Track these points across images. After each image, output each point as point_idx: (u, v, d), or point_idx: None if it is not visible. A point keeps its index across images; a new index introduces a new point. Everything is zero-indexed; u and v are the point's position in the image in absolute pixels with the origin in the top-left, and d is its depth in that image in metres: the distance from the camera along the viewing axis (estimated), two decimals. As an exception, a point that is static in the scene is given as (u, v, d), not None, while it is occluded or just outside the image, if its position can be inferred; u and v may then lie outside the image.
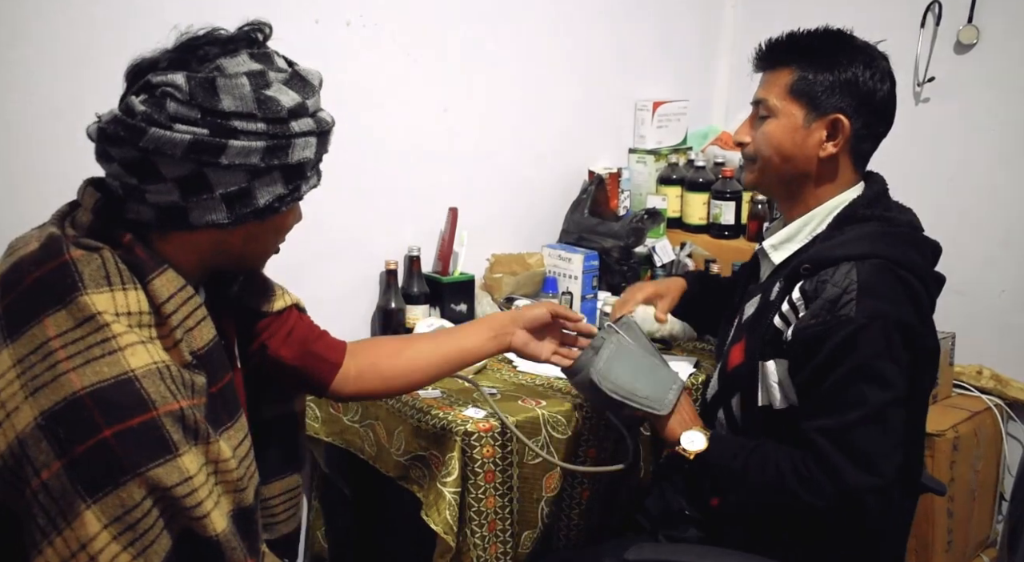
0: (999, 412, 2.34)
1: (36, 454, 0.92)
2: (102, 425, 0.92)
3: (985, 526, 2.38)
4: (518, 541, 1.69)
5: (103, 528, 0.92)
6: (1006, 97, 2.31)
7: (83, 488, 0.92)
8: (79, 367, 0.94)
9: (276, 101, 1.01)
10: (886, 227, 1.41)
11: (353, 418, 1.92)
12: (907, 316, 1.33)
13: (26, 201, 1.69)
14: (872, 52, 1.44)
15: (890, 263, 1.35)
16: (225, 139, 0.99)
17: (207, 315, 1.08)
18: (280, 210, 1.08)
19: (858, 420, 1.29)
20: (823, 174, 1.45)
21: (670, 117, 2.65)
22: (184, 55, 1.03)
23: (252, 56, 1.04)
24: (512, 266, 2.29)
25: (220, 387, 1.08)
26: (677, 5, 2.70)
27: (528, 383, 1.86)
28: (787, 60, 1.44)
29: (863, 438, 1.29)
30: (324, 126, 1.07)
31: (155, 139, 0.97)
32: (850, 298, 1.31)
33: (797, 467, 1.33)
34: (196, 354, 1.05)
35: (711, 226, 2.47)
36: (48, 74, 1.69)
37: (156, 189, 1.01)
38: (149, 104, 0.99)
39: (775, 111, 1.44)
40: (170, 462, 0.95)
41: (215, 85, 0.99)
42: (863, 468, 1.29)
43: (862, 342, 1.29)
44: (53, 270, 1.00)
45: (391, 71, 2.14)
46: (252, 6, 1.88)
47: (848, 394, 1.31)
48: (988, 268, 2.35)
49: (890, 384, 1.30)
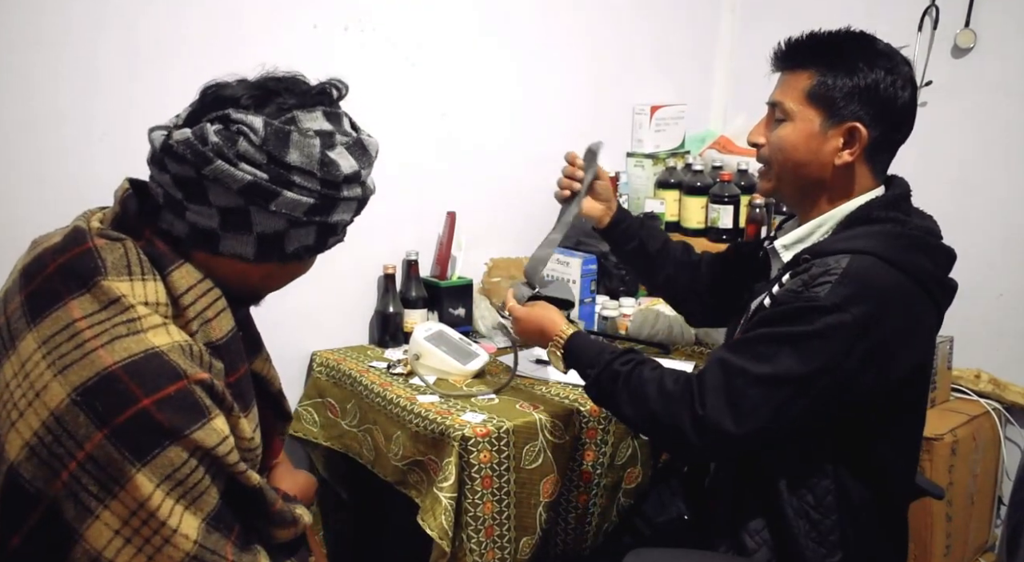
0: (997, 416, 2.34)
1: (75, 428, 0.95)
2: (140, 395, 0.96)
3: (983, 530, 2.38)
4: (516, 546, 1.69)
5: (156, 487, 0.96)
6: (1003, 100, 2.31)
7: (130, 454, 0.95)
8: (107, 344, 0.98)
9: (337, 165, 1.06)
10: (898, 229, 1.36)
11: (352, 423, 1.92)
12: (875, 319, 1.27)
13: (28, 203, 1.69)
14: (895, 57, 1.39)
15: (887, 263, 1.30)
16: (281, 188, 1.04)
17: (227, 307, 1.11)
18: (303, 258, 1.14)
19: (755, 376, 1.28)
20: (838, 181, 1.41)
21: (668, 121, 2.66)
22: (264, 98, 1.07)
23: (326, 115, 1.09)
24: (510, 270, 2.29)
25: (237, 378, 1.11)
26: (675, 10, 2.70)
27: (526, 388, 1.86)
28: (806, 62, 1.39)
29: (750, 392, 1.28)
30: (368, 194, 1.14)
31: (218, 170, 1.02)
32: (828, 280, 1.28)
33: (664, 379, 1.35)
34: (213, 344, 1.07)
35: (709, 230, 2.47)
36: (51, 78, 1.70)
37: (199, 210, 1.05)
38: (222, 136, 1.02)
39: (792, 115, 1.40)
40: (207, 424, 0.99)
41: (289, 138, 1.04)
42: (729, 414, 1.28)
43: (814, 320, 1.26)
44: (76, 256, 1.03)
45: (389, 76, 2.14)
46: (252, 12, 1.90)
47: (767, 348, 1.29)
48: (986, 272, 2.35)
49: (808, 370, 1.26)
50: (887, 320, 1.28)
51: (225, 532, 1.03)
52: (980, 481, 2.31)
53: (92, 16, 1.72)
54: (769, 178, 1.46)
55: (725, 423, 1.28)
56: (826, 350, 1.26)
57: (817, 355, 1.27)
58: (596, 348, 1.50)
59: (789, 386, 1.28)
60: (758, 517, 1.41)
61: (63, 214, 1.17)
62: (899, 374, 1.32)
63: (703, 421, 1.29)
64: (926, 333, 1.38)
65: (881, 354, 1.28)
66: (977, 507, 2.32)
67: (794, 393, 1.28)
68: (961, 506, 2.24)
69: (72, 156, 1.73)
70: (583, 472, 1.77)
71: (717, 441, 1.31)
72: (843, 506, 1.36)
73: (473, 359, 1.92)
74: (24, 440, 0.96)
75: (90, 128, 1.75)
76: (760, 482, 1.40)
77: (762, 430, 1.29)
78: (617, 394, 1.41)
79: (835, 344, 1.26)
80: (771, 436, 1.32)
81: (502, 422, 1.67)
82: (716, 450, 1.38)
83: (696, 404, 1.30)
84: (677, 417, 1.32)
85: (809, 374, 1.27)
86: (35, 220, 1.27)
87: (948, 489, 2.10)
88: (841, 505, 1.36)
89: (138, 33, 1.77)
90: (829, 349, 1.26)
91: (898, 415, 1.39)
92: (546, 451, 1.70)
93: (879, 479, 1.39)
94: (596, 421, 1.77)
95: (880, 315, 1.27)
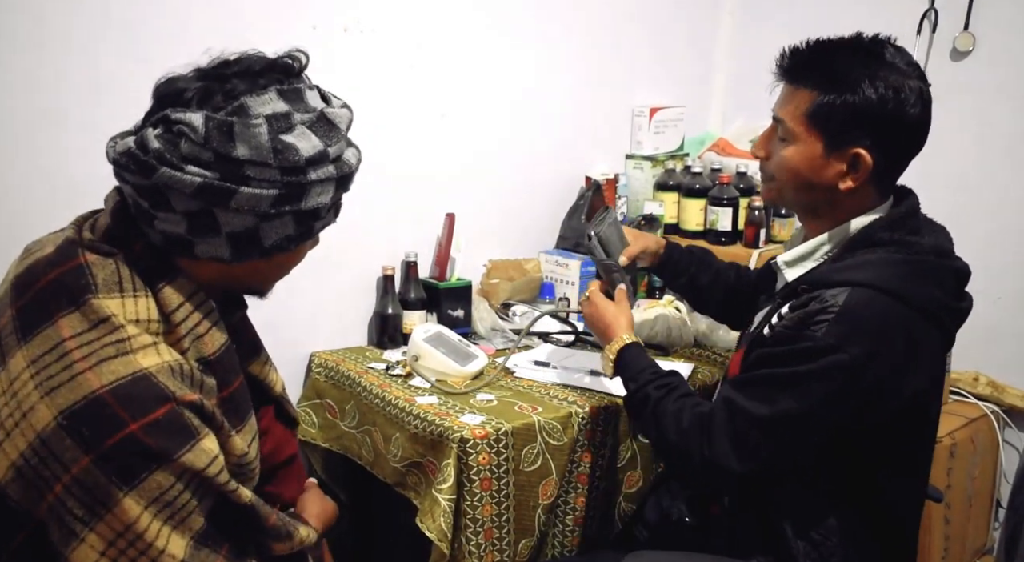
0: (996, 419, 2.34)
1: (61, 452, 0.94)
2: (127, 420, 0.94)
3: (982, 533, 2.38)
4: (515, 549, 1.69)
5: (143, 509, 0.95)
6: (1002, 104, 2.31)
7: (117, 478, 0.94)
8: (95, 366, 0.96)
9: (294, 149, 0.99)
10: (903, 254, 1.31)
11: (351, 424, 1.92)
12: (872, 356, 1.25)
13: (30, 205, 1.69)
14: (902, 69, 1.31)
15: (887, 295, 1.27)
16: (236, 185, 0.98)
17: (219, 320, 1.09)
18: (288, 249, 1.08)
19: (757, 418, 1.30)
20: (843, 200, 1.37)
21: (667, 123, 2.66)
22: (212, 85, 1.01)
23: (281, 94, 1.02)
24: (509, 272, 2.29)
25: (231, 392, 1.10)
26: (674, 12, 2.70)
27: (525, 390, 1.86)
28: (807, 79, 1.33)
29: (752, 433, 1.31)
30: (346, 170, 1.06)
31: (165, 178, 0.98)
32: (825, 319, 1.26)
33: (683, 413, 1.40)
34: (205, 360, 1.06)
35: (708, 232, 2.47)
36: (52, 78, 1.70)
37: (165, 217, 1.01)
38: (163, 140, 0.98)
39: (793, 137, 1.34)
40: (196, 446, 0.98)
41: (232, 131, 0.97)
42: (733, 455, 1.32)
43: (811, 361, 1.27)
44: (67, 272, 1.01)
45: (388, 77, 2.14)
46: (250, 12, 1.90)
47: (768, 390, 1.31)
48: (984, 275, 2.32)
49: (807, 410, 1.28)
50: (886, 355, 1.27)
51: (214, 547, 1.01)
52: (978, 484, 2.31)
53: (94, 17, 1.72)
54: (771, 190, 1.44)
55: (729, 463, 1.32)
56: (824, 390, 1.27)
57: (816, 395, 1.27)
58: (642, 365, 1.54)
59: (789, 426, 1.30)
60: (755, 523, 1.42)
61: (63, 217, 1.16)
62: (900, 403, 1.32)
63: (710, 461, 1.34)
64: (928, 359, 1.35)
65: (880, 388, 1.28)
66: (975, 510, 2.32)
67: (794, 432, 1.31)
68: (959, 509, 2.24)
69: (73, 156, 1.73)
70: (581, 475, 1.77)
71: (721, 477, 1.37)
72: (844, 529, 1.36)
73: (472, 361, 1.92)
74: (11, 460, 0.95)
75: (92, 129, 1.75)
76: (758, 496, 1.41)
77: (763, 467, 1.33)
78: (645, 418, 1.47)
79: (834, 384, 1.27)
80: (773, 471, 1.36)
81: (501, 424, 1.67)
82: (720, 484, 1.46)
83: (704, 446, 1.34)
84: (688, 454, 1.37)
85: (808, 413, 1.29)
86: (37, 221, 1.27)
87: (946, 492, 2.10)
88: (843, 528, 1.36)
89: (139, 34, 1.77)
90: (827, 389, 1.27)
91: (903, 443, 1.38)
92: (544, 453, 1.70)
93: (885, 503, 1.39)
94: (595, 423, 1.77)
95: (878, 352, 1.26)
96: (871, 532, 1.38)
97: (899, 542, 1.45)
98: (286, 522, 1.12)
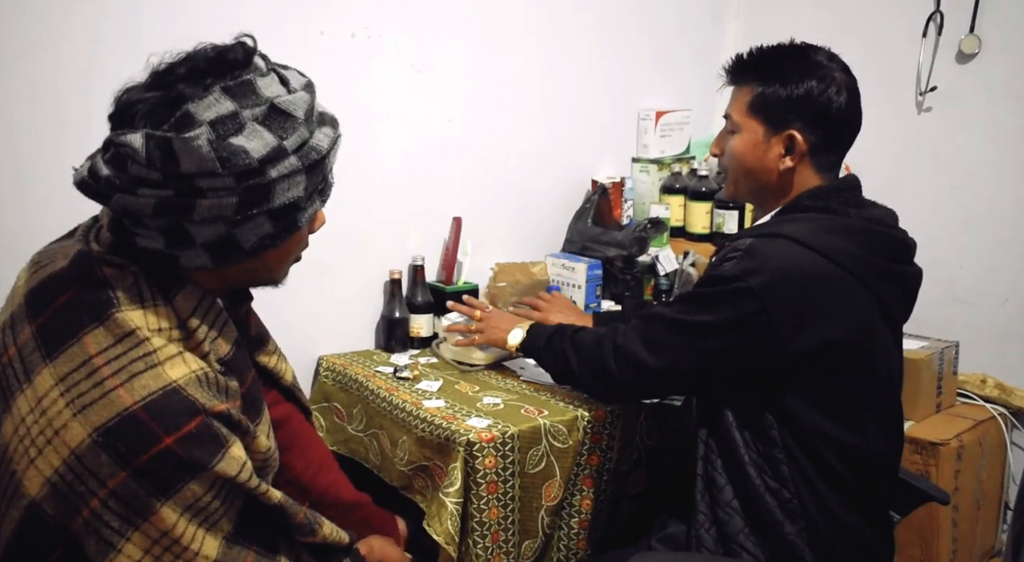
0: (1003, 421, 2.34)
1: (97, 467, 0.95)
2: (161, 434, 0.96)
3: (990, 536, 2.38)
4: (519, 551, 1.69)
5: (179, 516, 0.97)
6: (1008, 106, 2.31)
7: (155, 490, 0.96)
8: (126, 382, 0.96)
9: (242, 153, 0.95)
10: (823, 217, 1.45)
11: (358, 427, 1.92)
12: (772, 289, 1.37)
13: (30, 210, 1.70)
14: (828, 65, 1.48)
15: (797, 243, 1.40)
16: (192, 199, 0.95)
17: (228, 319, 1.10)
18: (275, 245, 1.05)
19: (668, 320, 1.48)
20: (786, 184, 1.52)
21: (673, 127, 2.66)
22: (157, 95, 0.97)
23: (226, 90, 0.97)
24: (516, 275, 2.29)
25: (248, 386, 1.12)
26: (679, 16, 2.71)
27: (531, 393, 1.87)
28: (748, 77, 1.52)
29: (662, 333, 1.49)
30: (314, 157, 1.01)
31: (121, 203, 0.97)
32: (734, 256, 1.42)
33: (600, 332, 1.60)
34: (223, 360, 1.07)
35: (714, 235, 2.47)
36: (52, 85, 1.71)
37: (144, 234, 1.01)
38: (112, 166, 0.97)
39: (738, 127, 1.52)
40: (227, 454, 1.00)
41: (172, 148, 0.93)
42: (642, 345, 1.50)
43: (718, 285, 1.42)
44: (87, 288, 1.01)
45: (395, 82, 2.15)
46: (258, 18, 1.91)
47: (681, 304, 1.50)
48: (991, 277, 2.35)
49: (713, 322, 1.42)
50: (788, 290, 1.38)
51: (245, 544, 1.04)
52: (986, 486, 2.31)
53: (96, 20, 1.73)
54: (728, 184, 1.60)
55: (639, 353, 1.51)
56: (730, 310, 1.41)
57: (721, 312, 1.41)
58: (550, 327, 1.77)
59: (696, 332, 1.45)
60: (727, 488, 1.48)
61: (64, 223, 1.18)
62: (807, 343, 1.39)
63: (621, 350, 1.53)
64: (844, 309, 1.41)
65: (785, 321, 1.38)
66: (983, 512, 2.32)
67: (700, 339, 1.44)
68: (967, 511, 2.24)
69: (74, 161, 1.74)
70: (586, 478, 1.78)
71: (633, 370, 1.53)
72: (796, 477, 1.43)
73: (491, 346, 1.96)
74: (45, 477, 0.96)
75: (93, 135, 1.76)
76: (725, 456, 1.47)
77: (673, 367, 1.48)
78: (564, 346, 1.65)
79: (739, 306, 1.40)
80: (683, 378, 1.52)
81: (507, 427, 1.68)
82: (635, 380, 1.55)
83: (618, 337, 1.55)
84: (603, 351, 1.57)
85: (714, 324, 1.42)
86: (41, 225, 1.27)
87: (954, 494, 2.10)
88: (794, 476, 1.43)
89: (142, 39, 1.77)
90: (733, 310, 1.40)
91: (822, 388, 1.43)
92: (549, 455, 1.70)
93: (819, 453, 1.43)
94: (601, 427, 1.77)
95: (778, 285, 1.38)
96: (825, 482, 1.43)
97: (863, 507, 1.47)
98: (312, 519, 1.15)
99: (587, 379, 1.64)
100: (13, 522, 0.99)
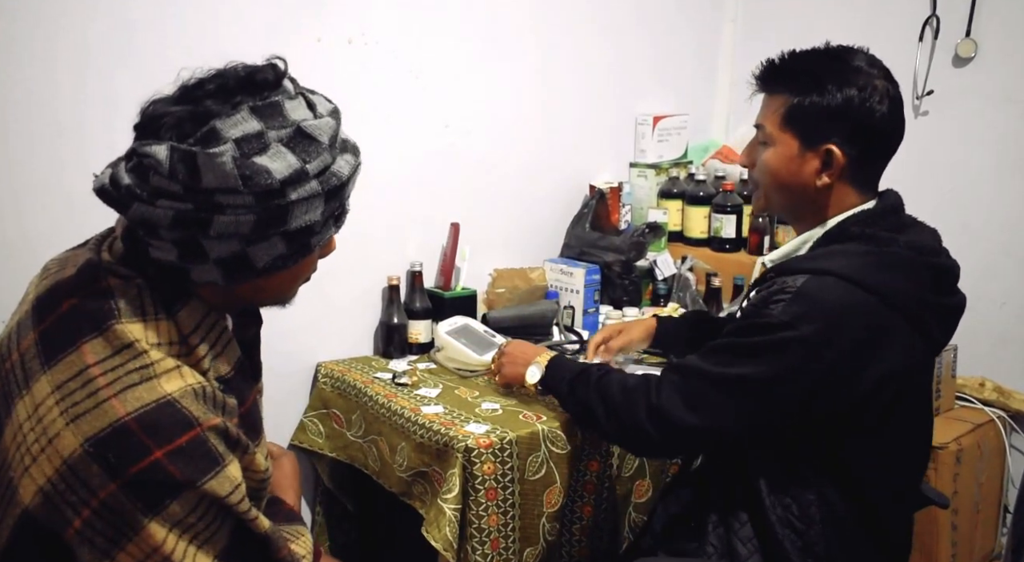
0: (1002, 424, 2.34)
1: (88, 477, 0.94)
2: (152, 447, 0.94)
3: (989, 539, 2.38)
4: (520, 558, 1.69)
5: (168, 532, 0.96)
6: (1004, 109, 2.32)
7: (143, 505, 0.95)
8: (120, 393, 0.96)
9: (266, 173, 0.95)
10: (872, 247, 1.36)
11: (357, 434, 1.92)
12: (826, 337, 1.30)
13: (31, 217, 1.70)
14: (868, 71, 1.39)
15: (847, 283, 1.32)
16: (210, 214, 0.96)
17: (232, 338, 1.09)
18: (285, 267, 1.05)
19: (712, 376, 1.36)
20: (822, 201, 1.43)
21: (670, 131, 2.66)
22: (185, 110, 0.98)
23: (254, 110, 0.98)
24: (514, 281, 2.29)
25: (248, 407, 1.10)
26: (677, 20, 2.71)
27: (529, 398, 1.86)
28: (781, 85, 1.42)
29: (705, 390, 1.37)
30: (334, 183, 1.02)
31: (139, 213, 0.97)
32: (783, 298, 1.32)
33: (627, 379, 1.48)
34: (223, 379, 1.06)
35: (712, 239, 2.48)
36: (49, 92, 1.71)
37: (158, 245, 1.01)
38: (134, 175, 0.97)
39: (772, 140, 1.43)
40: (220, 473, 0.98)
41: (195, 162, 0.94)
42: (682, 404, 1.37)
43: (767, 334, 1.32)
44: (90, 297, 1.01)
45: (393, 88, 2.15)
46: (256, 26, 1.92)
47: (725, 356, 1.37)
48: (989, 280, 2.35)
49: (762, 377, 1.32)
50: (842, 338, 1.31)
51: (239, 561, 1.03)
52: (985, 490, 2.31)
53: (96, 25, 1.73)
54: (759, 197, 1.50)
55: (678, 412, 1.37)
56: (779, 362, 1.32)
57: (771, 365, 1.32)
58: (573, 363, 1.66)
59: (743, 390, 1.34)
60: (747, 525, 1.43)
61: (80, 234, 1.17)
62: (862, 389, 1.33)
63: (658, 410, 1.39)
64: (895, 348, 1.35)
65: (838, 370, 1.31)
66: (983, 516, 2.32)
67: (748, 397, 1.34)
68: (966, 515, 2.24)
69: (78, 169, 1.74)
70: (587, 484, 1.78)
71: (673, 432, 1.40)
72: (826, 518, 1.37)
73: (491, 350, 1.95)
74: (38, 486, 0.96)
75: (95, 141, 1.76)
76: (747, 491, 1.42)
77: (717, 427, 1.37)
78: (587, 396, 1.53)
79: (788, 358, 1.31)
80: (727, 436, 1.39)
81: (505, 433, 1.67)
82: (674, 442, 1.46)
83: (652, 395, 1.41)
84: (635, 407, 1.42)
85: (763, 381, 1.33)
86: (37, 231, 1.27)
87: (953, 498, 2.10)
88: (824, 517, 1.37)
89: (141, 45, 1.78)
90: (782, 361, 1.32)
91: (875, 429, 1.38)
92: (549, 462, 1.70)
93: (862, 492, 1.39)
94: (600, 431, 1.77)
95: (832, 333, 1.30)
96: (855, 522, 1.39)
97: (890, 533, 1.45)
98: (295, 557, 1.12)
99: (615, 436, 1.55)
100: (8, 529, 0.99)
